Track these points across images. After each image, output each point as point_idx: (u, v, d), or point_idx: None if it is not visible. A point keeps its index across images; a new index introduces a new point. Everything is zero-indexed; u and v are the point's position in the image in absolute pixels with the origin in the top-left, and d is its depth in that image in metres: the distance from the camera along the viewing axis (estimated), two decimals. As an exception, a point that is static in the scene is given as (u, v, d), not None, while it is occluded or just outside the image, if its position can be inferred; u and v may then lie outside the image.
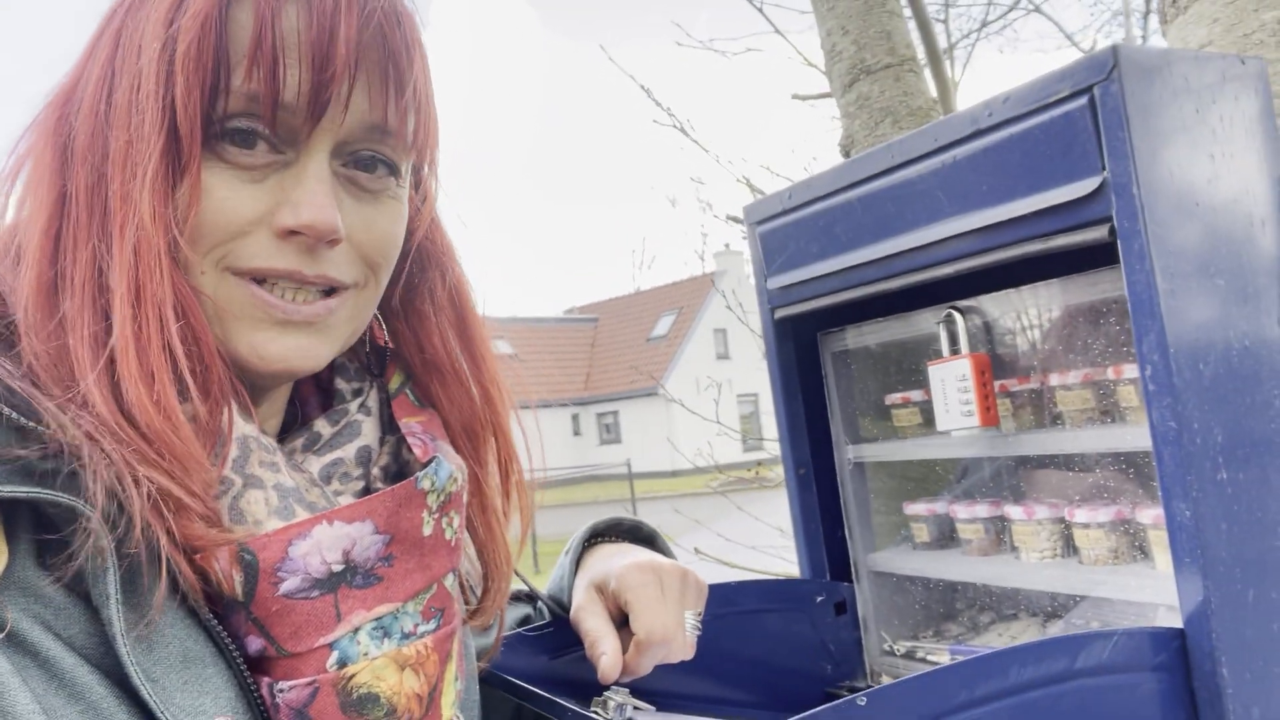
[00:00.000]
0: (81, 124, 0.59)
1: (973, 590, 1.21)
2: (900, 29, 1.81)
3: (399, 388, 0.75)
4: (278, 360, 0.62)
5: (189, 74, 0.57)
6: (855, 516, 1.22)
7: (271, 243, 0.60)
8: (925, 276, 0.98)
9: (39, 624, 0.52)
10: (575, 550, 0.97)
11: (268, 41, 0.58)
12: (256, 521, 0.59)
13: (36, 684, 0.50)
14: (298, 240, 0.60)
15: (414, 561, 0.64)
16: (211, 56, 0.57)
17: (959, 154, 0.92)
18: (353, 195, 0.65)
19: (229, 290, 0.60)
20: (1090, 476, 1.02)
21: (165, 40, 0.57)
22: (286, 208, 0.60)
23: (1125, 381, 0.92)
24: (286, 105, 0.59)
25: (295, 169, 0.61)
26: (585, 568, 0.94)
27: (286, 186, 0.60)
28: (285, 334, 0.62)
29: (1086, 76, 0.81)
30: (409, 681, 0.62)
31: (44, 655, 0.51)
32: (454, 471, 0.68)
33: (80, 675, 0.51)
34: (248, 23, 0.58)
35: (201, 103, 0.57)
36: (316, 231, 0.60)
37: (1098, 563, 0.97)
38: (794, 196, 1.14)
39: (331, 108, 0.60)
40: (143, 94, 0.57)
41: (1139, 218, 0.79)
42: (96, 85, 0.60)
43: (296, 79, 0.59)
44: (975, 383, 0.96)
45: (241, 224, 0.59)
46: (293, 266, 0.61)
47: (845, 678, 1.17)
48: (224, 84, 0.58)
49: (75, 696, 0.51)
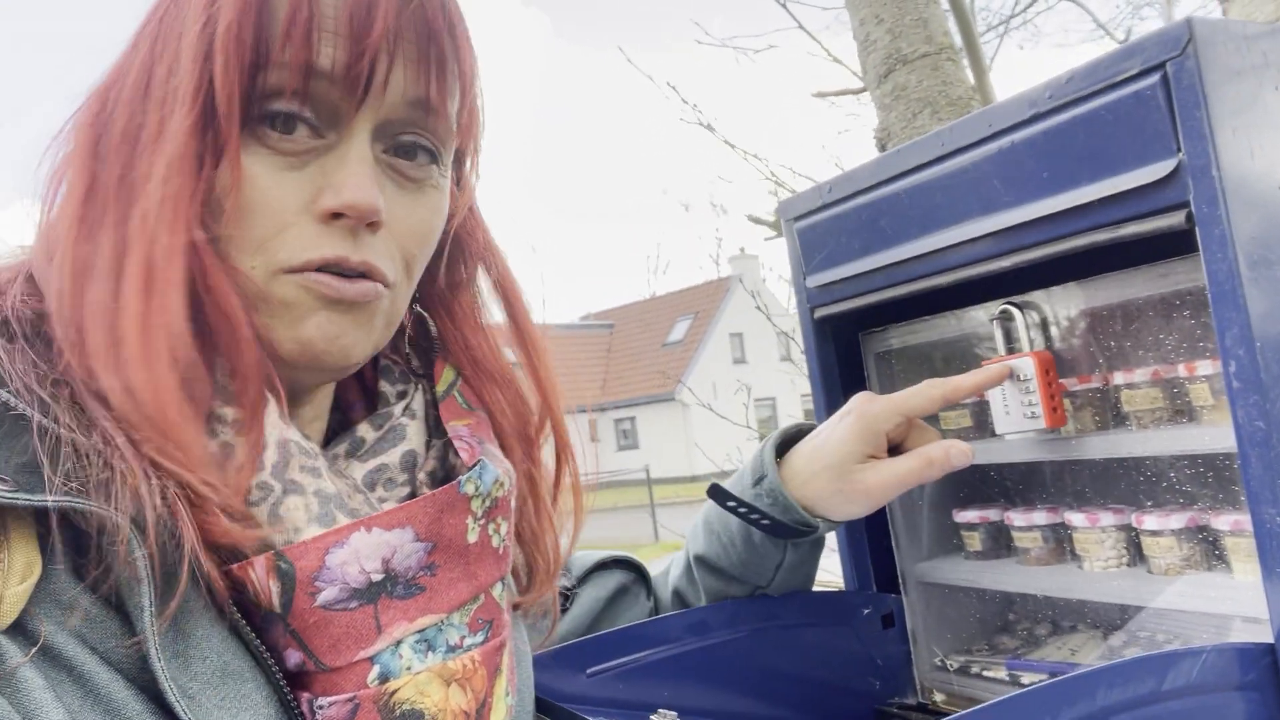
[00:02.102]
0: (119, 112, 0.58)
1: (1029, 601, 1.15)
2: (937, 16, 1.74)
3: (447, 389, 0.72)
4: (323, 343, 0.59)
5: (228, 51, 0.55)
6: (902, 524, 1.16)
7: (315, 230, 0.58)
8: (980, 270, 0.92)
9: (74, 638, 0.50)
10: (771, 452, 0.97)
11: (303, 12, 0.56)
12: (296, 529, 0.56)
13: (71, 700, 0.49)
14: (341, 224, 0.58)
15: (459, 570, 0.61)
16: (251, 33, 0.56)
17: (1016, 139, 0.87)
18: (395, 183, 0.62)
19: (281, 285, 0.58)
20: (1160, 481, 0.96)
21: (206, 20, 0.56)
22: (329, 190, 0.58)
23: (1199, 379, 0.86)
24: (322, 73, 0.57)
25: (337, 153, 0.59)
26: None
27: (328, 171, 0.58)
28: (333, 315, 0.59)
29: (1159, 52, 0.76)
30: (455, 697, 0.59)
31: (79, 670, 0.49)
32: (500, 476, 0.64)
33: (116, 691, 0.50)
34: (285, 1, 0.56)
35: (241, 80, 0.55)
36: (359, 211, 0.58)
37: (1168, 572, 0.91)
38: (834, 190, 1.09)
39: (372, 82, 0.58)
40: (180, 74, 0.56)
41: (1219, 202, 0.73)
42: (137, 74, 0.58)
43: (332, 49, 0.57)
44: (1040, 382, 0.90)
45: (286, 213, 0.58)
46: (340, 253, 0.58)
47: (895, 694, 1.11)
48: (263, 59, 0.56)
49: (110, 713, 0.49)
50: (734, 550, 0.99)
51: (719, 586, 1.02)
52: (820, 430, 0.97)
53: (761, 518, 0.94)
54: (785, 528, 0.94)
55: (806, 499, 0.93)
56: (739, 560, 0.99)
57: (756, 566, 0.99)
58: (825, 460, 0.92)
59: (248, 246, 0.57)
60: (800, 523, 0.94)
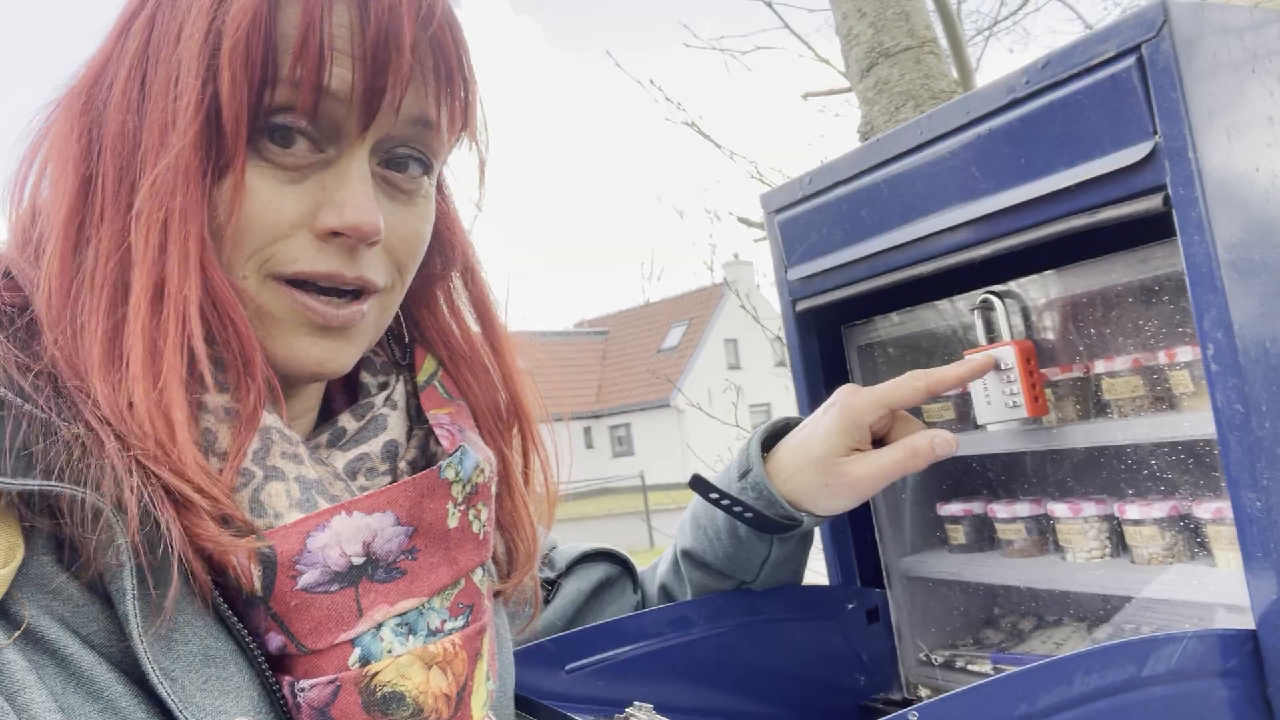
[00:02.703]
0: (111, 112, 0.57)
1: (1014, 594, 1.14)
2: (919, 10, 1.74)
3: (427, 379, 0.72)
4: (312, 365, 0.62)
5: (236, 67, 0.55)
6: (885, 518, 1.15)
7: (312, 245, 0.59)
8: (960, 259, 0.92)
9: (57, 621, 0.51)
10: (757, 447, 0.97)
11: (316, 34, 0.56)
12: (277, 514, 0.57)
13: (54, 682, 0.49)
14: (339, 241, 0.59)
15: (439, 555, 0.61)
16: (260, 50, 0.55)
17: (994, 126, 0.86)
18: (388, 195, 0.63)
19: (270, 295, 0.59)
20: (1141, 469, 0.95)
21: (208, 30, 0.55)
22: (330, 208, 0.59)
23: (1179, 365, 0.86)
24: (334, 94, 0.58)
25: (336, 168, 0.60)
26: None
27: (328, 186, 0.59)
28: (321, 339, 0.61)
29: (1134, 35, 0.75)
30: (436, 680, 0.60)
31: (61, 653, 0.50)
32: (480, 462, 0.65)
33: (98, 674, 0.50)
34: (295, 18, 0.56)
35: (249, 97, 0.56)
36: (361, 233, 0.59)
37: (1151, 561, 0.90)
38: (814, 181, 1.08)
39: (386, 107, 0.59)
40: (181, 85, 0.55)
41: (1196, 184, 0.73)
42: (129, 72, 0.57)
43: (348, 72, 0.57)
44: (1021, 371, 0.89)
45: (283, 226, 0.58)
46: (335, 269, 0.60)
47: (880, 689, 1.10)
48: (270, 76, 0.56)
49: (93, 695, 0.50)
50: (719, 544, 0.98)
51: (705, 581, 1.01)
52: (805, 424, 0.96)
53: (744, 510, 0.94)
54: (769, 521, 0.93)
55: (792, 493, 0.93)
56: (724, 555, 0.98)
57: (742, 561, 0.98)
58: (810, 454, 0.92)
59: (241, 256, 0.58)
60: (785, 516, 0.93)
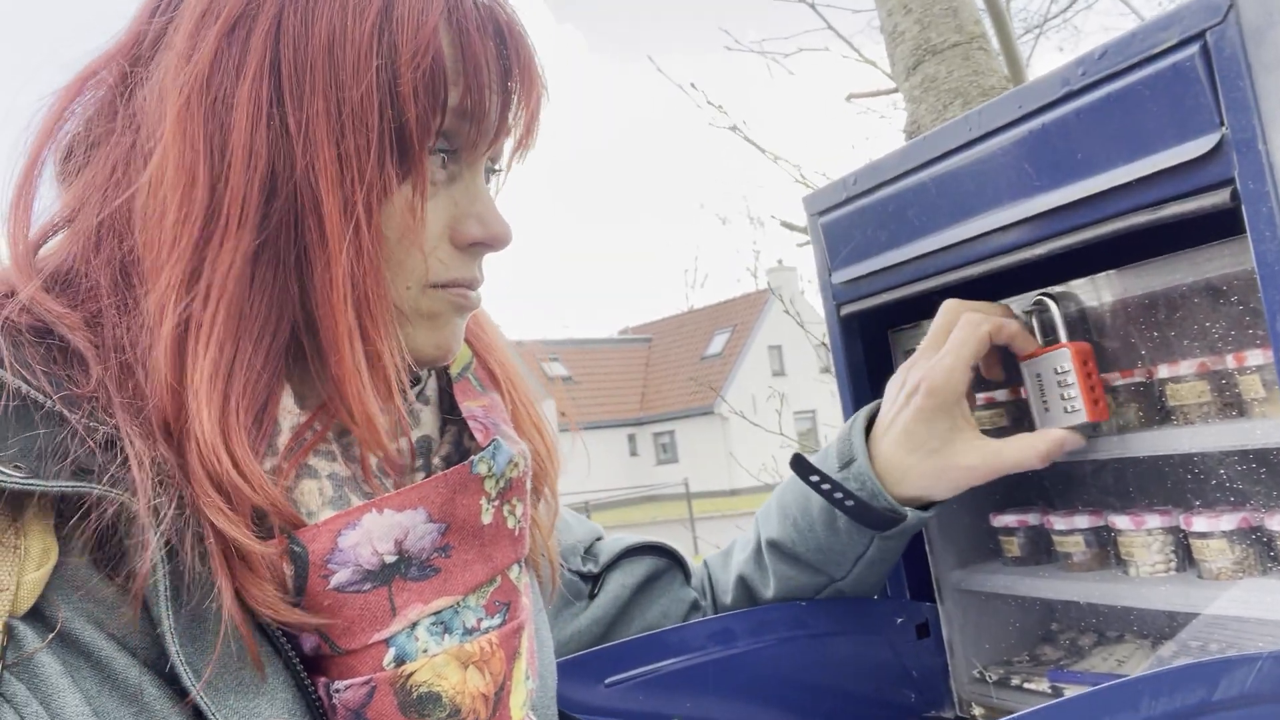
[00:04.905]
0: (237, 124, 0.54)
1: (1073, 609, 1.10)
2: (968, 4, 1.68)
3: (462, 371, 0.71)
4: (454, 342, 0.64)
5: (420, 93, 0.56)
6: (936, 529, 1.11)
7: (453, 254, 0.62)
8: (1013, 260, 0.88)
9: (91, 622, 0.50)
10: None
11: (480, 68, 0.59)
12: (309, 513, 0.57)
13: (89, 684, 0.49)
14: (475, 250, 0.63)
15: (474, 552, 0.60)
16: (442, 83, 0.57)
17: (1048, 120, 0.83)
18: None
19: (429, 301, 0.62)
20: (1209, 479, 0.91)
21: (378, 50, 0.56)
22: (470, 220, 0.62)
23: (1249, 370, 0.81)
24: (490, 124, 0.61)
25: (463, 183, 0.63)
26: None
27: (457, 200, 0.62)
28: (461, 322, 0.65)
29: (1198, 20, 0.71)
30: (474, 680, 0.59)
31: (96, 655, 0.50)
32: (515, 456, 0.63)
33: (133, 676, 0.50)
34: (454, 43, 0.58)
35: (433, 122, 0.58)
36: (502, 242, 0.63)
37: (1220, 576, 0.85)
38: (859, 182, 1.05)
39: (512, 128, 0.63)
40: (361, 109, 0.55)
41: (1267, 178, 0.69)
42: (253, 83, 0.55)
43: (499, 100, 0.61)
44: (1079, 374, 0.85)
45: (433, 240, 0.61)
46: (473, 275, 0.64)
47: (931, 707, 1.06)
48: (442, 105, 0.58)
49: (128, 698, 0.50)
50: (813, 536, 0.95)
51: (791, 574, 0.98)
52: (889, 414, 0.92)
53: (846, 497, 0.91)
54: (872, 512, 0.90)
55: (899, 485, 0.90)
56: (817, 547, 0.95)
57: (837, 556, 0.95)
58: (916, 444, 0.89)
59: (403, 270, 0.60)
60: (889, 509, 0.90)
